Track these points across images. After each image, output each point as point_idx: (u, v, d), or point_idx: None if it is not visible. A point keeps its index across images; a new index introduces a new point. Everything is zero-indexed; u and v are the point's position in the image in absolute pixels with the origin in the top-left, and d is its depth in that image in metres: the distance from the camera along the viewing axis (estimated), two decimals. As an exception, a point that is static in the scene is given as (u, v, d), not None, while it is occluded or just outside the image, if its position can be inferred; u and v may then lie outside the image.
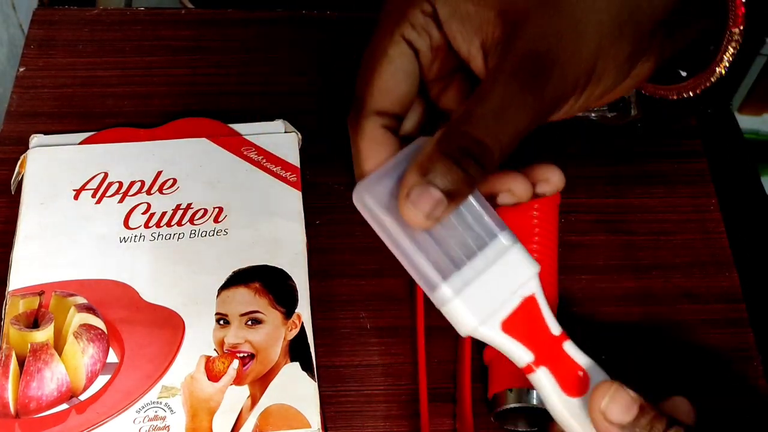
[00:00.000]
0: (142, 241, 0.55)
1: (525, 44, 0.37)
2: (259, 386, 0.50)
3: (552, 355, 0.40)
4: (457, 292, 0.38)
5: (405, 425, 0.52)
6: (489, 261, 0.39)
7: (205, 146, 0.59)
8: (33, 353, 0.50)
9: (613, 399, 0.38)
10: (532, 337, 0.39)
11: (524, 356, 0.39)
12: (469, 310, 0.38)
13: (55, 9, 0.70)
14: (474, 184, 0.37)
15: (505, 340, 0.39)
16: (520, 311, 0.39)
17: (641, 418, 0.38)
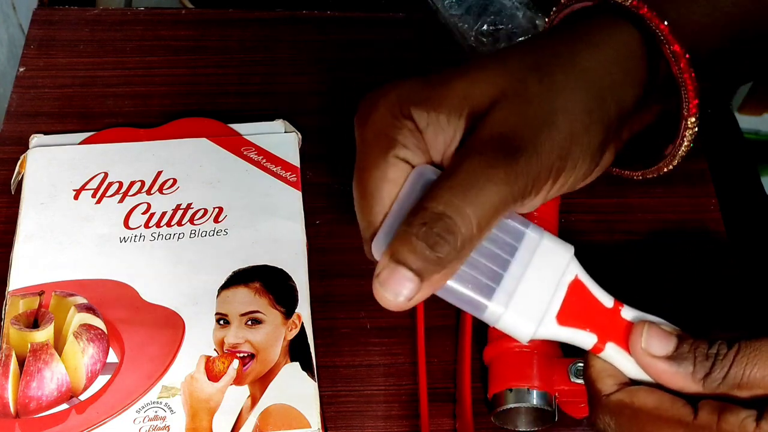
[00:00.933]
0: (142, 241, 0.55)
1: (493, 127, 0.38)
2: (259, 386, 0.50)
3: (613, 328, 0.40)
4: (505, 306, 0.38)
5: (405, 425, 0.52)
6: (525, 262, 0.39)
7: (205, 146, 0.59)
8: (33, 353, 0.50)
9: (649, 335, 0.39)
10: (589, 319, 0.40)
11: (588, 340, 0.40)
12: (521, 318, 0.38)
13: (55, 9, 0.70)
14: (444, 262, 0.36)
15: (564, 332, 0.39)
16: (570, 298, 0.39)
17: (683, 345, 0.39)
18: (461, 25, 0.67)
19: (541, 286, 0.39)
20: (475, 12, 0.67)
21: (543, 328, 0.39)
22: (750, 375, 0.37)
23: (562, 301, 0.39)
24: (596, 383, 0.40)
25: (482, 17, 0.67)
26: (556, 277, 0.39)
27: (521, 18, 0.67)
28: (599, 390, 0.40)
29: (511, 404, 0.49)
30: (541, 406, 0.49)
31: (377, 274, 0.36)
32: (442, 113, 0.39)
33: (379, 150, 0.39)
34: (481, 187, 0.36)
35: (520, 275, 0.39)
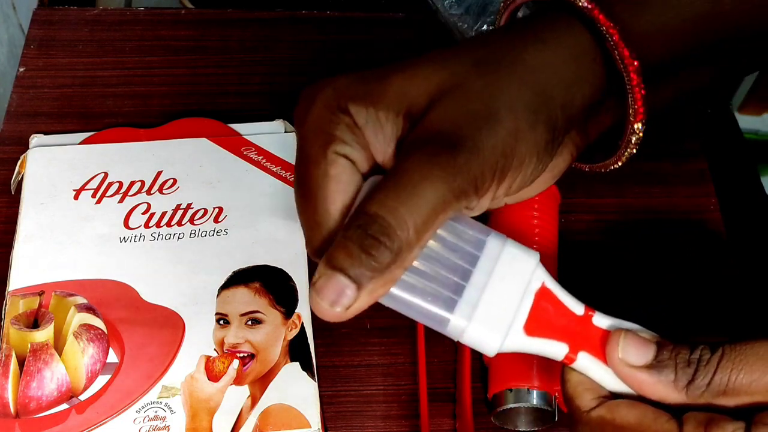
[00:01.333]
0: (142, 241, 0.55)
1: (431, 124, 0.36)
2: (259, 386, 0.50)
3: (585, 337, 0.38)
4: (468, 318, 0.36)
5: (405, 425, 0.52)
6: (487, 271, 0.37)
7: (205, 146, 0.59)
8: (33, 353, 0.50)
9: (627, 343, 0.37)
10: (559, 328, 0.38)
11: (559, 350, 0.38)
12: (486, 330, 0.36)
13: (55, 9, 0.70)
14: (381, 268, 0.34)
15: (533, 342, 0.37)
16: (537, 307, 0.37)
17: (663, 352, 0.37)
18: (461, 25, 0.67)
19: (505, 295, 0.37)
20: (475, 12, 0.67)
21: (510, 340, 0.37)
22: (736, 381, 0.35)
23: (529, 311, 0.37)
24: (574, 399, 0.38)
25: (482, 17, 0.67)
26: (521, 285, 0.37)
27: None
28: (578, 407, 0.38)
29: (511, 404, 0.49)
30: (541, 406, 0.49)
31: (314, 281, 0.34)
32: (380, 110, 0.37)
33: (318, 146, 0.37)
34: (416, 185, 0.34)
35: (483, 285, 0.36)
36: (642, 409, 0.36)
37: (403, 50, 0.69)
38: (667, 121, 0.66)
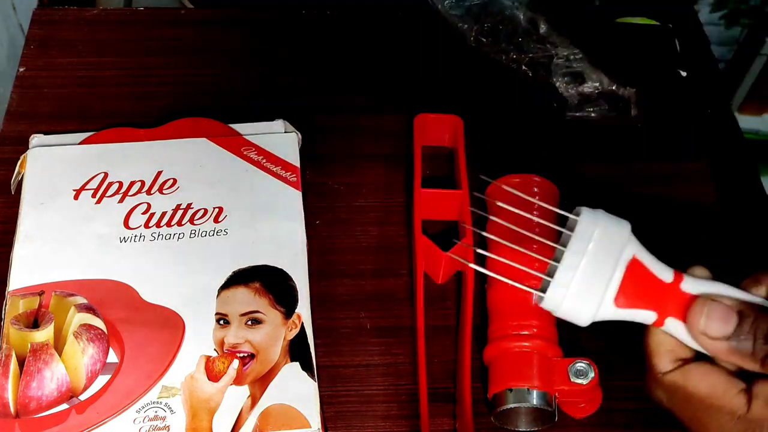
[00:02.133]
0: (142, 241, 0.55)
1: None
2: (259, 386, 0.50)
3: (673, 303, 0.39)
4: (564, 294, 0.39)
5: (405, 425, 0.52)
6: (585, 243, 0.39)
7: (205, 146, 0.59)
8: (33, 353, 0.50)
9: (709, 316, 0.38)
10: (649, 297, 0.39)
11: (648, 317, 0.39)
12: (580, 304, 0.38)
13: (55, 9, 0.70)
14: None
15: (623, 313, 0.39)
16: (628, 278, 0.39)
17: (743, 324, 0.38)
18: (461, 25, 0.67)
19: (599, 268, 0.39)
20: (475, 12, 0.67)
21: (602, 311, 0.39)
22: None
23: (620, 283, 0.39)
24: (653, 358, 0.40)
25: (482, 17, 0.67)
26: (614, 255, 0.39)
27: (521, 18, 0.67)
28: (655, 365, 0.40)
29: (511, 404, 0.49)
30: (541, 406, 0.49)
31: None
32: None
33: None
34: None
35: (580, 259, 0.39)
36: (714, 380, 0.38)
37: (403, 50, 0.69)
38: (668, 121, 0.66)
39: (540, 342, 0.50)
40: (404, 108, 0.65)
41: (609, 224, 0.40)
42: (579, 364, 0.50)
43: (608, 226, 0.39)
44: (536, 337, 0.50)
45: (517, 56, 0.66)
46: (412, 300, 0.56)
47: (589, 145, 0.64)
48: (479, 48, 0.66)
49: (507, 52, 0.66)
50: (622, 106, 0.65)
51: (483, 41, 0.67)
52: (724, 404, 0.38)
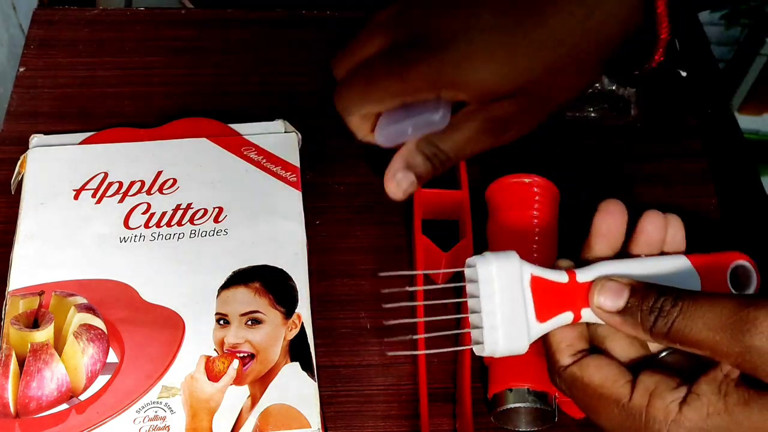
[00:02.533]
0: (142, 241, 0.55)
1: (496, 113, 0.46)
2: (259, 386, 0.50)
3: (578, 296, 0.43)
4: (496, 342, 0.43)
5: (405, 425, 0.52)
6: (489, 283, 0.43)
7: (205, 146, 0.59)
8: (33, 353, 0.50)
9: (602, 293, 0.43)
10: (559, 302, 0.43)
11: (567, 318, 0.43)
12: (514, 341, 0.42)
13: (55, 9, 0.70)
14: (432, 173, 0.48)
15: (549, 325, 0.43)
16: (536, 295, 0.43)
17: (632, 298, 0.42)
18: (461, 25, 0.67)
19: (512, 300, 0.43)
20: (475, 12, 0.67)
21: (533, 333, 0.43)
22: (689, 334, 0.40)
23: (533, 303, 0.43)
24: (555, 354, 0.44)
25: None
26: (518, 285, 0.43)
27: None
28: (557, 361, 0.44)
29: (511, 404, 0.49)
30: (541, 406, 0.49)
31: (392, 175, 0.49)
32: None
33: None
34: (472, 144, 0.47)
35: (494, 302, 0.43)
36: (606, 370, 0.42)
37: (403, 50, 0.69)
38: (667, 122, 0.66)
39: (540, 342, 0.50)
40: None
41: (500, 260, 0.43)
42: (579, 364, 0.50)
43: (501, 262, 0.43)
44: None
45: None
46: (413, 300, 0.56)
47: (589, 145, 0.64)
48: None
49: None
50: (622, 106, 0.65)
51: (483, 41, 0.66)
52: (612, 393, 0.41)
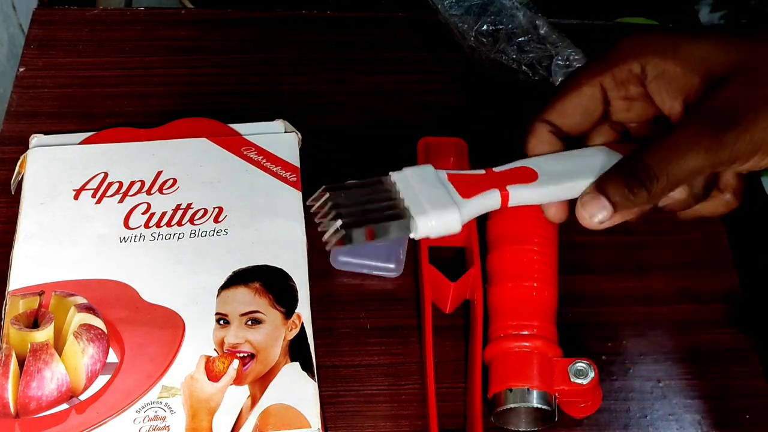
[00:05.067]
0: (142, 241, 0.55)
1: (716, 102, 0.43)
2: (259, 386, 0.50)
3: (500, 178, 0.46)
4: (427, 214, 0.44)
5: (405, 425, 0.52)
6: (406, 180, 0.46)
7: (205, 146, 0.59)
8: (33, 353, 0.50)
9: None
10: (481, 183, 0.46)
11: (494, 196, 0.46)
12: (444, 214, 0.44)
13: (55, 9, 0.70)
14: (637, 203, 0.44)
15: (476, 203, 0.45)
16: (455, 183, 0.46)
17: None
18: (461, 25, 0.67)
19: (430, 187, 0.45)
20: (475, 12, 0.67)
21: (463, 210, 0.44)
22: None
23: (454, 187, 0.45)
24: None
25: (482, 17, 0.67)
26: (436, 181, 0.45)
27: (521, 18, 0.67)
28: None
29: (511, 404, 0.49)
30: (541, 406, 0.49)
31: (582, 195, 0.45)
32: (681, 66, 0.44)
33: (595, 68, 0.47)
34: (686, 153, 0.43)
35: (414, 191, 0.45)
36: None
37: (403, 50, 0.69)
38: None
39: (540, 342, 0.50)
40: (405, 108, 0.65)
41: (414, 167, 0.46)
42: (579, 364, 0.50)
43: (414, 168, 0.46)
44: (536, 337, 0.50)
45: (517, 56, 0.66)
46: (418, 300, 0.56)
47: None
48: (479, 48, 0.66)
49: (507, 52, 0.66)
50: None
51: (483, 41, 0.67)
52: None
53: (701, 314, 0.57)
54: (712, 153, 0.42)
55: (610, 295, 0.57)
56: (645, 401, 0.53)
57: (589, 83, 0.47)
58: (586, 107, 0.47)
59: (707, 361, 0.55)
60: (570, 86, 0.47)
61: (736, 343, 0.56)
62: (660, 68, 0.45)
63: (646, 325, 0.56)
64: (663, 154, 0.43)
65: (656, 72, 0.45)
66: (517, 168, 0.47)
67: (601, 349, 0.54)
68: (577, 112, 0.48)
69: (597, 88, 0.47)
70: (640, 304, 0.57)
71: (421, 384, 0.53)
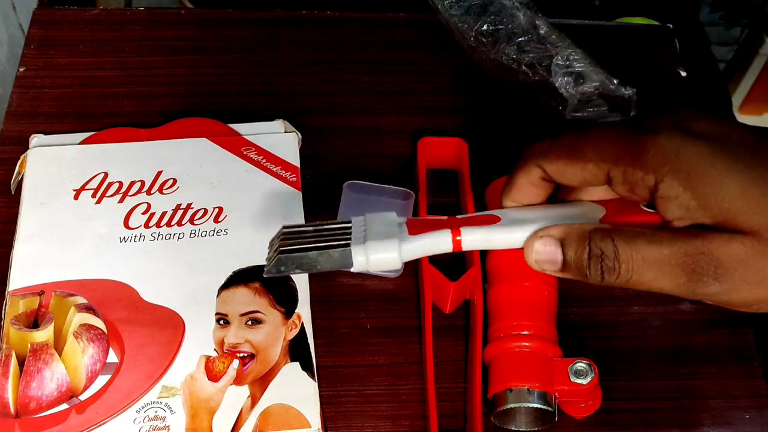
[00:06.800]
0: (142, 241, 0.55)
1: (716, 251, 0.40)
2: (259, 386, 0.50)
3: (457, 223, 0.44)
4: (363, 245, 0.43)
5: (405, 425, 0.52)
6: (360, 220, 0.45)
7: (205, 146, 0.59)
8: (33, 353, 0.50)
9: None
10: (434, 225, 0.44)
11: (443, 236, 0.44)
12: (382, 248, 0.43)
13: (55, 9, 0.70)
14: (587, 278, 0.42)
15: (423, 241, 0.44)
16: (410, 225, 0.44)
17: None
18: (461, 25, 0.67)
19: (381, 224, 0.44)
20: (475, 12, 0.67)
21: (404, 246, 0.43)
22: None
23: (406, 227, 0.44)
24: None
25: (482, 17, 0.67)
26: (391, 223, 0.45)
27: (521, 18, 0.67)
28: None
29: (511, 404, 0.49)
30: (541, 406, 0.49)
31: (540, 236, 0.43)
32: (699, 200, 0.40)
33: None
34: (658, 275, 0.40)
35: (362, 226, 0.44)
36: None
37: (403, 50, 0.69)
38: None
39: (540, 342, 0.50)
40: (405, 108, 0.65)
41: (376, 214, 0.45)
42: (579, 364, 0.50)
43: (376, 214, 0.45)
44: (536, 337, 0.50)
45: (517, 56, 0.66)
46: (418, 300, 0.56)
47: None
48: (479, 48, 0.66)
49: (507, 52, 0.66)
50: (622, 106, 0.65)
51: (483, 41, 0.66)
52: None
53: (701, 314, 0.57)
54: (685, 291, 0.41)
55: (610, 295, 0.57)
56: (645, 401, 0.53)
57: (595, 161, 0.42)
58: (585, 177, 0.44)
59: (707, 361, 0.55)
60: (576, 150, 0.43)
61: (736, 343, 0.56)
62: (675, 192, 0.40)
63: (646, 325, 0.56)
64: (637, 261, 0.41)
65: (669, 193, 0.40)
66: (481, 215, 0.45)
67: (601, 349, 0.54)
68: (576, 177, 0.44)
69: (602, 170, 0.43)
70: (640, 304, 0.57)
71: (421, 384, 0.53)
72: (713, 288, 0.40)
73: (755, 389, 0.54)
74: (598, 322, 0.56)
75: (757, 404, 0.53)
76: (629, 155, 0.41)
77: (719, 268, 0.39)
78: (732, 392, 0.54)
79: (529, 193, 0.46)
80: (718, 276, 0.40)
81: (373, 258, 0.43)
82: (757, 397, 0.54)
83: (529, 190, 0.46)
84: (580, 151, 0.43)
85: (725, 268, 0.39)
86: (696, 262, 0.40)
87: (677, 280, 0.40)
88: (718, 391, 0.54)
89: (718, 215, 0.40)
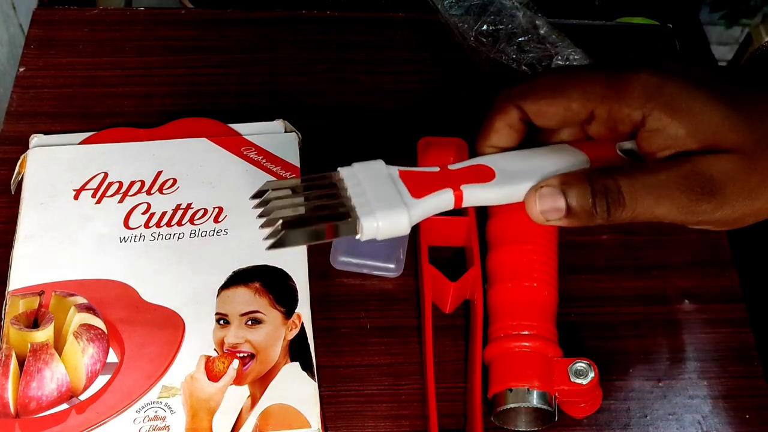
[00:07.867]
0: (142, 241, 0.55)
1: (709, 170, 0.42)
2: (259, 386, 0.50)
3: (455, 177, 0.45)
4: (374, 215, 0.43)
5: (405, 425, 0.52)
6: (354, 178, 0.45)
7: (205, 146, 0.59)
8: (33, 353, 0.50)
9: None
10: (434, 182, 0.45)
11: (448, 195, 0.45)
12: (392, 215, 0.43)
13: (55, 9, 0.70)
14: (593, 220, 0.43)
15: (428, 203, 0.44)
16: (407, 181, 0.45)
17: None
18: (461, 25, 0.67)
19: (380, 186, 0.44)
20: (475, 12, 0.67)
21: (412, 211, 0.43)
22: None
23: (405, 185, 0.44)
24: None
25: (482, 17, 0.67)
26: (386, 179, 0.44)
27: (521, 18, 0.67)
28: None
29: (511, 404, 0.49)
30: (541, 406, 0.49)
31: (540, 186, 0.44)
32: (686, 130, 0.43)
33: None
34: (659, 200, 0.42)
35: (362, 189, 0.44)
36: None
37: (403, 50, 0.69)
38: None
39: (540, 342, 0.50)
40: (405, 108, 0.65)
41: (364, 163, 0.45)
42: (579, 364, 0.50)
43: (364, 164, 0.45)
44: (536, 337, 0.50)
45: (517, 56, 0.66)
46: (418, 300, 0.56)
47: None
48: (479, 48, 0.66)
49: (507, 52, 0.66)
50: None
51: (483, 41, 0.66)
52: None
53: (701, 314, 0.57)
54: (685, 213, 0.42)
55: (610, 295, 0.57)
56: (645, 401, 0.53)
57: (580, 100, 0.44)
58: (566, 117, 0.45)
59: (707, 361, 0.55)
60: (559, 90, 0.45)
61: (736, 343, 0.56)
62: (663, 123, 0.43)
63: (646, 325, 0.56)
64: (639, 189, 0.42)
65: (657, 125, 0.43)
66: (474, 166, 0.46)
67: (601, 349, 0.54)
68: (556, 116, 0.45)
69: (586, 108, 0.44)
70: (640, 304, 0.57)
71: (421, 384, 0.53)
72: (711, 205, 0.42)
73: (755, 389, 0.54)
74: (598, 322, 0.56)
75: (757, 404, 0.53)
76: (614, 93, 0.43)
77: (713, 184, 0.42)
78: (732, 392, 0.54)
79: (507, 136, 0.47)
80: (714, 192, 0.42)
81: (384, 227, 0.43)
82: (757, 397, 0.54)
83: (508, 134, 0.47)
84: (564, 91, 0.45)
85: (719, 183, 0.42)
86: (693, 182, 0.42)
87: (679, 202, 0.42)
88: (718, 391, 0.54)
89: (704, 139, 0.42)
